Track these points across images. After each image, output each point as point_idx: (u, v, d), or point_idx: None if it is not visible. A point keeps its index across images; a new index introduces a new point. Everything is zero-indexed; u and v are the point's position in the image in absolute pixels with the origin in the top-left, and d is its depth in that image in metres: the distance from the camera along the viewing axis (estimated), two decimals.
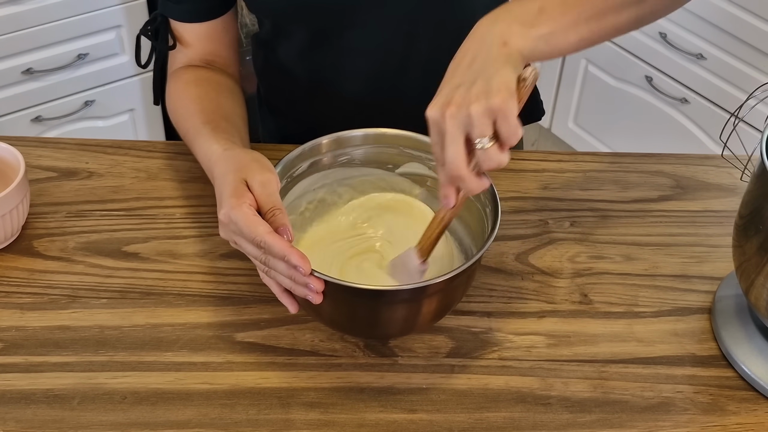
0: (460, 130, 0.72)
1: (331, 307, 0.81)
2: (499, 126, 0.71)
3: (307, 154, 0.91)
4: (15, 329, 0.89)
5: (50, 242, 0.98)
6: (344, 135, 0.93)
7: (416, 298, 0.80)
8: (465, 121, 0.72)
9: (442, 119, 0.73)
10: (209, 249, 0.98)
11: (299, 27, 1.06)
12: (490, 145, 0.72)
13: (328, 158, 0.93)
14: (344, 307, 0.82)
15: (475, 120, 0.71)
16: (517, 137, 0.72)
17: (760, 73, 1.92)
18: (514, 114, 0.71)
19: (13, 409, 0.82)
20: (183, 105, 1.03)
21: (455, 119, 0.72)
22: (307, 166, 0.92)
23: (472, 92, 0.72)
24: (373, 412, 0.83)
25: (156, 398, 0.83)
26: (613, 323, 0.92)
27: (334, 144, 0.93)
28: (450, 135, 0.72)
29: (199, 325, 0.90)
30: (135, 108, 2.18)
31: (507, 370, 0.86)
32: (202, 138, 0.94)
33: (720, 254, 0.99)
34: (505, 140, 0.72)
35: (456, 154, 0.72)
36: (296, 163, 0.91)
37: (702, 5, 1.97)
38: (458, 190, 0.77)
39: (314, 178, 0.94)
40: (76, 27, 1.98)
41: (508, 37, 0.75)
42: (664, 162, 1.12)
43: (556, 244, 1.00)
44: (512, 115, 0.71)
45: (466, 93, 0.72)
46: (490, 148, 0.72)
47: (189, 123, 0.99)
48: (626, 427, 0.82)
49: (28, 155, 1.04)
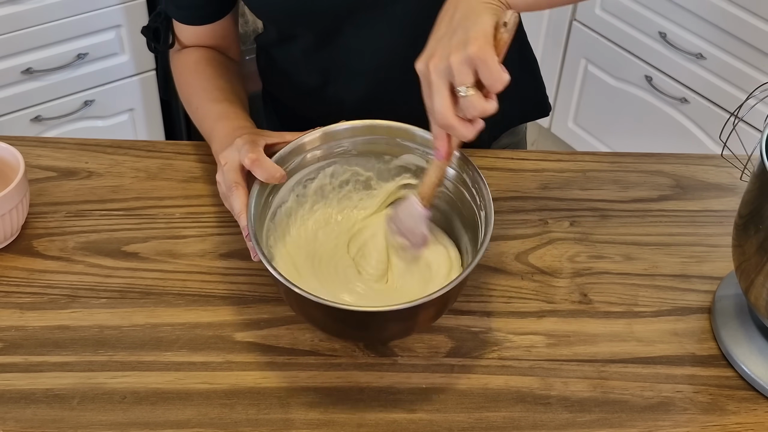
0: (443, 79, 0.75)
1: (324, 321, 0.82)
2: (480, 73, 0.73)
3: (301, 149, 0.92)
4: (15, 329, 0.89)
5: (50, 242, 0.98)
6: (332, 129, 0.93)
7: (409, 315, 0.80)
8: (446, 70, 0.74)
9: (426, 71, 0.76)
10: (209, 249, 0.98)
11: (302, 30, 1.06)
12: (472, 92, 0.74)
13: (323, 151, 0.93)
14: (338, 324, 0.82)
15: (454, 68, 0.73)
16: (501, 82, 0.73)
17: (760, 72, 1.92)
18: (493, 59, 0.73)
19: (12, 408, 0.82)
20: (190, 78, 1.07)
21: (438, 69, 0.75)
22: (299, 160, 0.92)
23: (452, 43, 0.74)
24: (372, 411, 0.83)
25: (156, 398, 0.83)
26: (613, 323, 0.92)
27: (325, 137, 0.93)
28: (435, 85, 0.75)
29: (199, 324, 0.90)
30: (134, 108, 2.18)
31: (507, 370, 0.86)
32: (212, 112, 1.01)
33: (720, 254, 0.99)
34: (488, 87, 0.74)
35: (442, 102, 0.75)
36: (290, 158, 0.91)
37: (702, 5, 1.97)
38: (449, 138, 0.80)
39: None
40: (76, 27, 1.98)
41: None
42: (663, 162, 1.12)
43: (556, 244, 1.00)
44: (490, 61, 0.73)
45: (447, 44, 0.75)
46: (473, 95, 0.74)
47: (198, 97, 1.05)
48: (626, 426, 0.82)
49: (27, 155, 1.04)
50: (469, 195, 0.88)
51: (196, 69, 1.08)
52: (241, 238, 0.98)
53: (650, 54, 2.14)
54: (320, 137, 0.92)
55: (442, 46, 0.75)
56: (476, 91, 0.74)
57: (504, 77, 0.73)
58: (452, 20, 0.77)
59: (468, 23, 0.75)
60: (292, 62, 1.11)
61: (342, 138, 0.92)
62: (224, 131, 0.97)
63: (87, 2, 1.96)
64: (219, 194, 0.92)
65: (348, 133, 0.92)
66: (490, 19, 0.75)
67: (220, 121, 0.99)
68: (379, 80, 1.08)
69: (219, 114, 1.00)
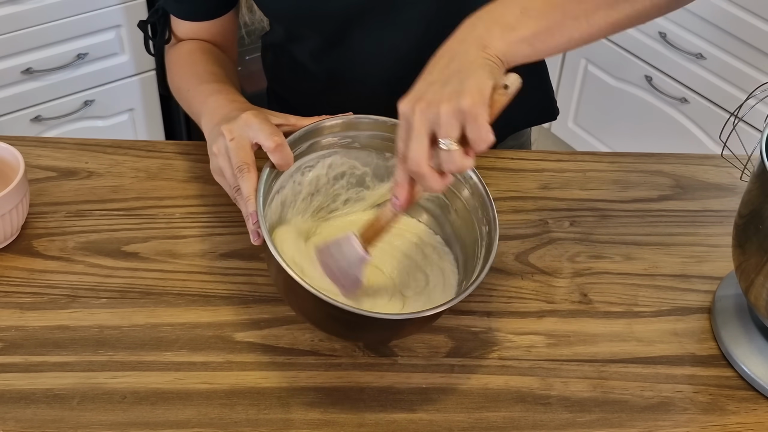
0: (426, 126, 0.71)
1: (318, 319, 0.82)
2: (468, 130, 0.70)
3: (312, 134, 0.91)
4: (15, 329, 0.89)
5: (50, 242, 0.98)
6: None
7: (403, 325, 0.80)
8: (433, 119, 0.71)
9: (411, 114, 0.72)
10: (209, 249, 0.98)
11: (311, 32, 1.06)
12: (455, 147, 0.71)
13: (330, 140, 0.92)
14: (331, 323, 0.82)
15: (442, 119, 0.70)
16: (486, 143, 0.70)
17: (760, 72, 1.92)
18: (483, 118, 0.70)
19: (12, 408, 0.82)
20: (183, 66, 1.05)
21: (424, 116, 0.71)
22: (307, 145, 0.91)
23: (444, 92, 0.71)
24: (372, 411, 0.83)
25: (156, 398, 0.83)
26: (613, 323, 0.92)
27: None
28: (416, 131, 0.72)
29: (199, 324, 0.90)
30: (134, 108, 2.18)
31: (507, 370, 0.86)
32: (203, 90, 0.97)
33: (719, 254, 0.99)
34: (472, 144, 0.71)
35: (418, 150, 0.72)
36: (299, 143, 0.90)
37: (702, 5, 1.97)
38: (413, 187, 0.76)
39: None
40: (76, 27, 1.98)
41: (488, 41, 0.74)
42: (663, 162, 1.12)
43: (556, 244, 1.00)
44: (481, 119, 0.70)
45: (439, 91, 0.71)
46: (456, 150, 0.71)
47: (189, 81, 1.02)
48: (626, 426, 0.82)
49: (27, 155, 1.04)
50: (475, 218, 0.88)
51: (188, 57, 1.06)
52: (241, 238, 0.98)
53: (650, 54, 2.14)
54: (340, 125, 0.90)
55: (432, 92, 0.71)
56: (459, 146, 0.71)
57: (490, 139, 0.70)
58: (447, 67, 0.73)
59: (464, 75, 0.72)
60: (299, 63, 1.11)
61: (349, 129, 0.91)
62: (217, 103, 0.94)
63: (87, 2, 1.97)
64: (218, 187, 0.90)
65: (356, 126, 0.91)
66: (488, 77, 0.72)
67: (212, 95, 0.96)
68: (386, 85, 1.07)
69: (211, 91, 0.97)
